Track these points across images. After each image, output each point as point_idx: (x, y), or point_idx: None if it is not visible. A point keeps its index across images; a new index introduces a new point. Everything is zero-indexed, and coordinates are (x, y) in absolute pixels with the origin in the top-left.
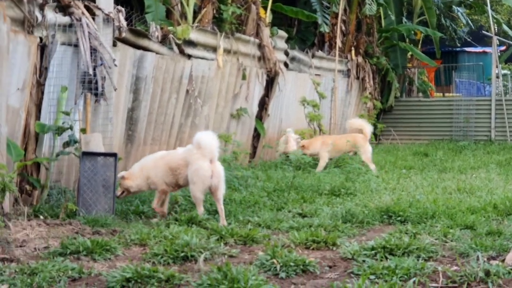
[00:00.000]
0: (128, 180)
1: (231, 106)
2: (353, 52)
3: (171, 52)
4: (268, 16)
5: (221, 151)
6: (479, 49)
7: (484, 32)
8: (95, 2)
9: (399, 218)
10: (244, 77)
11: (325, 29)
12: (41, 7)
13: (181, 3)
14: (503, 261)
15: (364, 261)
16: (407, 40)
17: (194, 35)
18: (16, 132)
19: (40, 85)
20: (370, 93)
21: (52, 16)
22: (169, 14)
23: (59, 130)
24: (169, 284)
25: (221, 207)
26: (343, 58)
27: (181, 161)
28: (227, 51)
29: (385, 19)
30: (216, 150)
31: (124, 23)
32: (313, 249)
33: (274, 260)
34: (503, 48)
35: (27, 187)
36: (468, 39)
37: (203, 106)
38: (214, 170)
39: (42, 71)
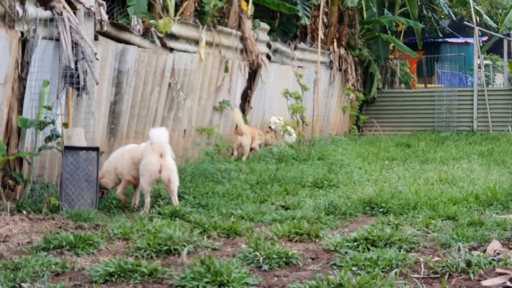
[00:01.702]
0: (103, 179)
1: (214, 98)
2: (335, 44)
3: (153, 46)
4: (250, 9)
5: (204, 144)
6: (461, 40)
7: (466, 23)
8: None
9: (381, 210)
10: (226, 70)
11: (305, 21)
12: (22, 2)
13: None
14: (484, 251)
15: (346, 252)
16: (389, 31)
17: (176, 28)
18: None
19: (21, 80)
20: (352, 85)
21: (33, 10)
22: (150, 7)
23: (41, 125)
24: (152, 278)
25: (175, 199)
26: (326, 50)
27: (141, 155)
28: (209, 44)
29: (367, 11)
30: (166, 145)
31: (105, 16)
32: (296, 241)
33: (257, 253)
34: (485, 38)
35: (10, 182)
36: (450, 30)
37: (185, 99)
38: (164, 164)
39: (23, 66)
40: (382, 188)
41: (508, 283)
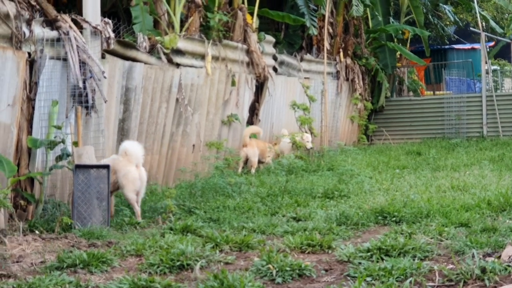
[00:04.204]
0: None
1: (222, 113)
2: (341, 54)
3: (159, 62)
4: (255, 22)
5: (213, 159)
6: (467, 46)
7: (472, 28)
8: (82, 15)
9: (394, 219)
10: (233, 83)
11: (313, 32)
12: (28, 23)
13: (168, 13)
14: (499, 257)
15: (360, 263)
16: (395, 39)
17: (182, 44)
18: (8, 148)
19: (30, 100)
20: (360, 94)
21: (40, 31)
22: (156, 24)
23: (51, 144)
24: None
25: (137, 209)
26: (332, 60)
27: (113, 169)
28: (216, 58)
29: (372, 20)
30: (141, 157)
31: (112, 35)
32: (308, 253)
33: (270, 266)
34: (491, 44)
35: (22, 202)
36: (456, 37)
37: (193, 114)
38: (140, 174)
39: (32, 86)
40: (394, 197)
41: None
